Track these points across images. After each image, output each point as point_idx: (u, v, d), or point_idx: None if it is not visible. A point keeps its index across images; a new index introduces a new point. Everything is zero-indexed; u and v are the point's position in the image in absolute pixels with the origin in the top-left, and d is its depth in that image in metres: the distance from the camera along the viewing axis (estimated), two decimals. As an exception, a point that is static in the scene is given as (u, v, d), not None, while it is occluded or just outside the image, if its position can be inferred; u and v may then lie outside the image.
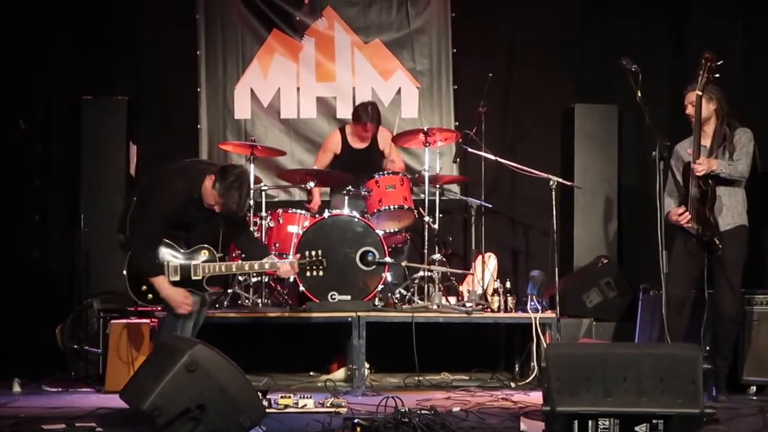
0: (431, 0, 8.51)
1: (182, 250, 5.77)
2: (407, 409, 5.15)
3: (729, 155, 6.04)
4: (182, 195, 5.68)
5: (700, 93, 5.85)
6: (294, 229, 7.25)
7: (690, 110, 6.13)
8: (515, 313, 7.01)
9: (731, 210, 6.07)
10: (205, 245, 5.80)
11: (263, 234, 7.19)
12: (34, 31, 7.99)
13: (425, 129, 7.41)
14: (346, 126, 7.97)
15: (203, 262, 5.77)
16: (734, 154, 6.03)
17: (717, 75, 5.85)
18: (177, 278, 5.73)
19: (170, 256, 5.74)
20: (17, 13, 7.88)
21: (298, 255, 6.10)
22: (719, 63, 5.82)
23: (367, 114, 7.71)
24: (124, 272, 5.74)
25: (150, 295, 5.73)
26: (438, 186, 7.54)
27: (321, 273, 6.13)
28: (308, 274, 6.12)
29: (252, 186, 6.83)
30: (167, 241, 5.73)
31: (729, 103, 6.14)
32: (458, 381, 7.06)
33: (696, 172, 5.93)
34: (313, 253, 6.04)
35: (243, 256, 6.17)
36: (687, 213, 6.02)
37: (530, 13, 8.47)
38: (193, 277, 5.75)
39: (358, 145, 7.87)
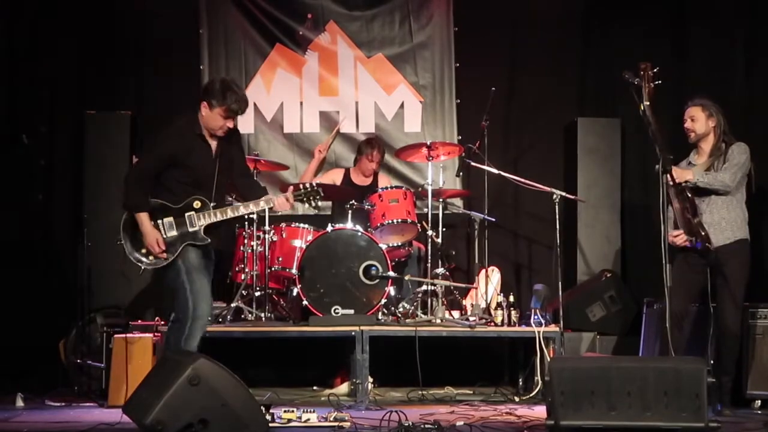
0: (434, 14, 8.53)
1: (174, 206, 5.68)
2: (411, 424, 5.17)
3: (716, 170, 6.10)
4: (186, 131, 5.72)
5: (648, 103, 5.83)
6: (297, 243, 7.26)
7: (688, 125, 6.23)
8: (519, 327, 7.00)
9: (731, 224, 6.08)
10: (197, 196, 5.70)
11: (266, 248, 7.19)
12: (37, 46, 8.01)
13: (428, 143, 7.41)
14: (350, 168, 8.03)
15: (197, 211, 5.69)
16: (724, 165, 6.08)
17: (658, 81, 5.82)
18: (174, 233, 5.65)
19: (162, 213, 5.67)
20: (21, 29, 7.91)
21: (291, 187, 5.98)
22: (655, 69, 5.81)
23: (371, 144, 7.82)
24: (120, 242, 5.68)
25: (151, 256, 5.65)
26: (441, 200, 7.54)
27: (318, 203, 6.04)
28: (306, 205, 6.06)
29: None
30: (159, 200, 5.67)
31: (728, 122, 6.18)
32: (462, 395, 7.05)
33: (669, 180, 5.95)
34: (307, 184, 5.95)
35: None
36: (681, 234, 6.05)
37: (532, 27, 8.49)
38: (190, 229, 5.66)
39: (360, 181, 7.92)
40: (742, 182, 6.15)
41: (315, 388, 7.32)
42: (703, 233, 6.01)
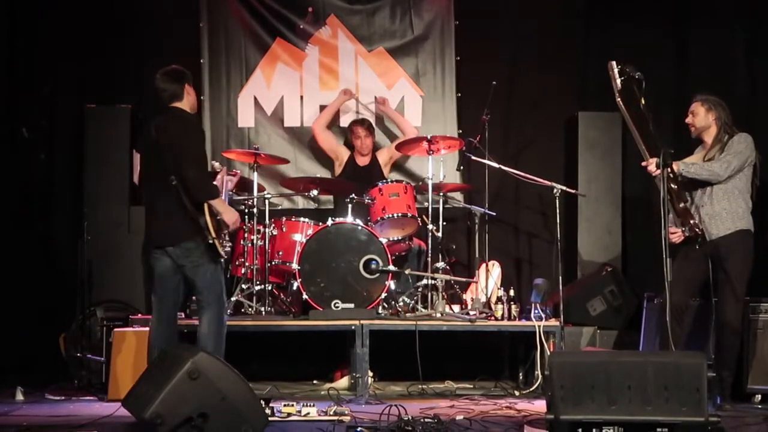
0: (435, 8, 8.50)
1: None
2: (411, 418, 5.17)
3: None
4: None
5: (620, 99, 5.82)
6: (297, 237, 7.26)
7: (688, 119, 6.23)
8: (519, 322, 7.00)
9: (731, 214, 6.07)
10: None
11: (266, 242, 7.19)
12: (37, 40, 8.00)
13: (428, 137, 7.39)
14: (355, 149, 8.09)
15: None
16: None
17: (624, 77, 5.80)
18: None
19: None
20: (21, 23, 7.89)
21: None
22: (619, 67, 5.81)
23: (354, 122, 7.99)
24: (222, 243, 5.80)
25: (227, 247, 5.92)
26: (441, 194, 7.53)
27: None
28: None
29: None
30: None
31: (729, 113, 6.17)
32: (462, 389, 7.05)
33: (651, 173, 5.94)
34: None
35: None
36: (678, 232, 6.05)
37: (533, 21, 8.46)
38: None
39: (361, 162, 7.99)
40: (745, 172, 6.11)
41: (315, 382, 7.32)
42: (692, 221, 6.01)
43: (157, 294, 5.91)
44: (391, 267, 6.96)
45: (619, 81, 5.74)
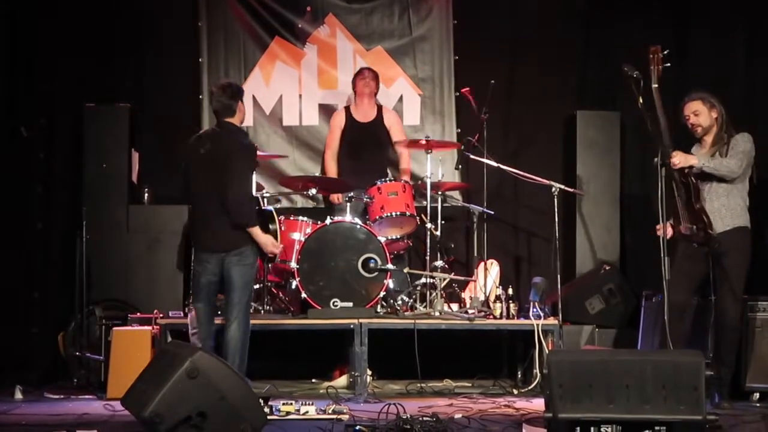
0: (433, 7, 8.50)
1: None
2: (409, 416, 5.17)
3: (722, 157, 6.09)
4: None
5: (657, 85, 5.83)
6: (296, 236, 7.24)
7: (693, 120, 6.21)
8: (517, 320, 7.00)
9: (730, 211, 6.08)
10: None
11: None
12: (38, 39, 8.00)
13: (426, 139, 7.40)
14: (350, 105, 8.02)
15: None
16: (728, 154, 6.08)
17: (668, 64, 5.84)
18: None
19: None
20: (22, 22, 7.89)
21: None
22: (665, 52, 5.83)
23: (360, 70, 7.94)
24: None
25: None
26: (440, 193, 7.53)
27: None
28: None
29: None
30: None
31: (728, 112, 6.18)
32: (460, 388, 7.06)
33: (673, 166, 5.95)
34: None
35: None
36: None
37: (532, 20, 8.47)
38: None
39: (362, 118, 7.91)
40: (746, 171, 6.14)
41: (314, 380, 7.32)
42: (706, 219, 6.01)
43: (201, 298, 6.14)
44: (390, 266, 6.96)
45: (661, 66, 5.76)
